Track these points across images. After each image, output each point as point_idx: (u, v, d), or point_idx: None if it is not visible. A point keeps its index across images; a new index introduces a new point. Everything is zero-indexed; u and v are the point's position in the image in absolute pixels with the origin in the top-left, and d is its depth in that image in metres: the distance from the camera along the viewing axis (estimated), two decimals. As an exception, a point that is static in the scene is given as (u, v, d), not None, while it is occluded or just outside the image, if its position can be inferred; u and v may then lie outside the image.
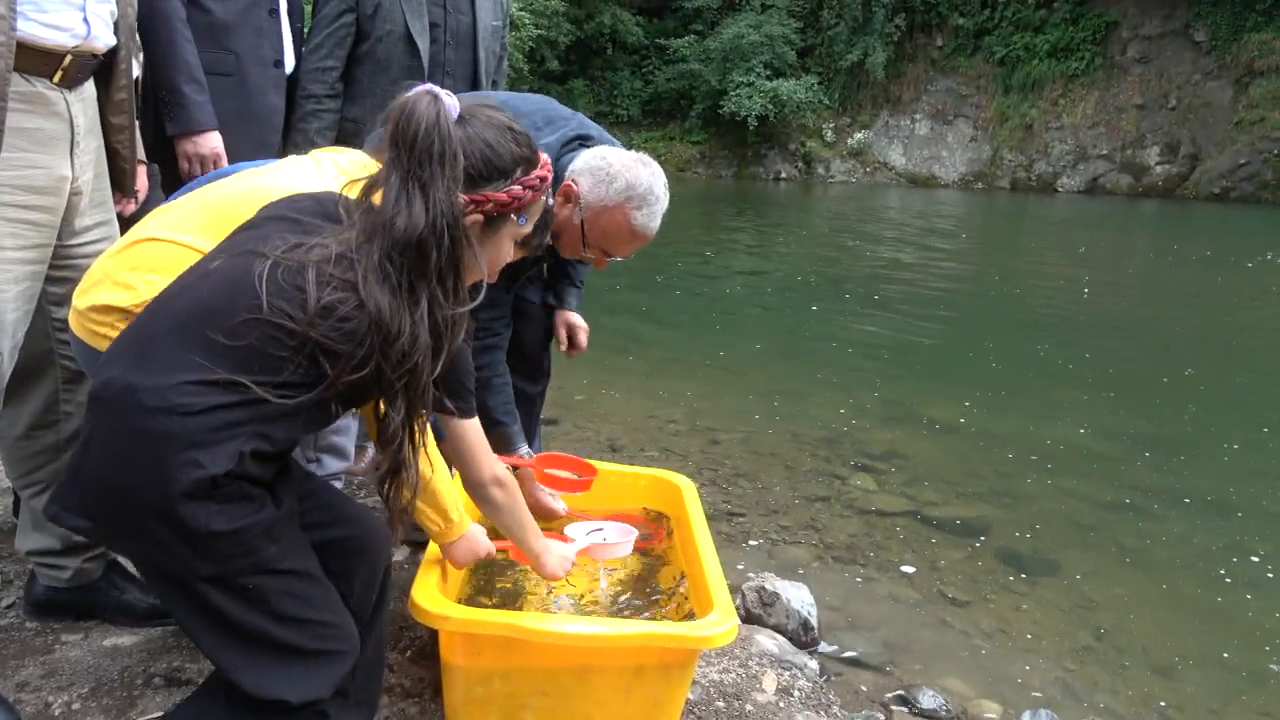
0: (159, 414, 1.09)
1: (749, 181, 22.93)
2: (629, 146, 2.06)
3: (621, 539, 1.87)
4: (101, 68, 1.68)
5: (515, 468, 1.96)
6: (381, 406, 1.26)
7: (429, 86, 1.21)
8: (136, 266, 1.39)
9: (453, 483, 1.58)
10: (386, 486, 1.27)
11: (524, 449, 2.14)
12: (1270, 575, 3.19)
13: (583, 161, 1.92)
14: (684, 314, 7.36)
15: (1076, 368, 5.96)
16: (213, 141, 2.15)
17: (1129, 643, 2.76)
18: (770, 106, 22.46)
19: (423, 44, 2.47)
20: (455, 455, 1.48)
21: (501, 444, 2.03)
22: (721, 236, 12.58)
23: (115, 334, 1.30)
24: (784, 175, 23.57)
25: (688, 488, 2.17)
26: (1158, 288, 9.84)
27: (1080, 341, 6.77)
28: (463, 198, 1.22)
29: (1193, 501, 3.78)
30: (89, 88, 1.67)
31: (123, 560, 2.01)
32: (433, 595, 1.54)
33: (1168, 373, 5.86)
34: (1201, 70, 20.98)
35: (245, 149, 2.21)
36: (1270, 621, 2.93)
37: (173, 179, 2.23)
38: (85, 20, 1.56)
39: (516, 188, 1.30)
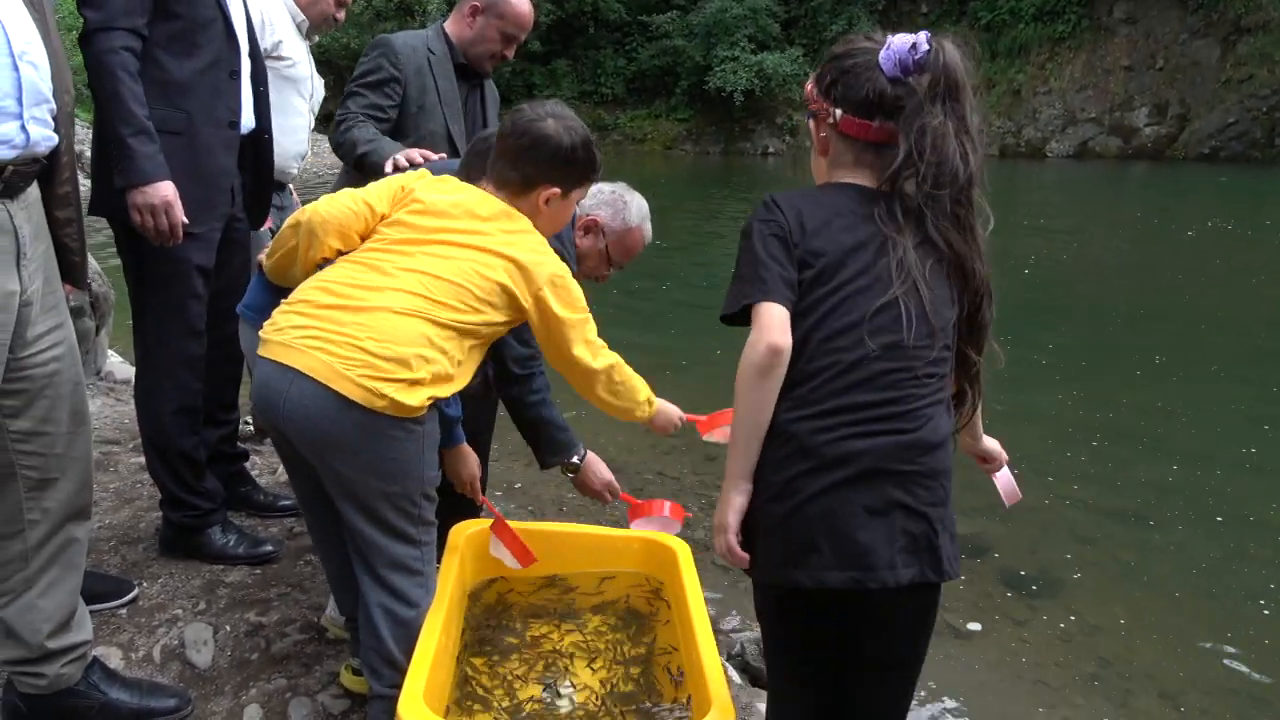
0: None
1: (737, 157, 22.71)
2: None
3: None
4: (44, 166, 1.59)
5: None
6: None
7: (923, 35, 1.33)
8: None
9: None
10: None
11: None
12: (1274, 586, 3.16)
13: (593, 198, 2.25)
14: (672, 314, 7.29)
15: (1049, 362, 5.85)
16: (164, 191, 2.06)
17: (1134, 669, 2.73)
18: (756, 80, 22.22)
19: (463, 147, 2.59)
20: None
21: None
22: (708, 223, 12.46)
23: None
24: (771, 150, 23.36)
25: (683, 551, 2.11)
26: (1112, 263, 9.71)
27: (1041, 330, 6.61)
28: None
29: (1193, 506, 3.75)
30: (32, 190, 1.57)
31: (101, 657, 1.95)
32: (419, 710, 1.49)
33: (1138, 364, 5.78)
34: (1189, 29, 20.78)
35: (189, 210, 2.13)
36: (1276, 634, 2.90)
37: (128, 231, 2.17)
38: (23, 128, 1.46)
39: None
